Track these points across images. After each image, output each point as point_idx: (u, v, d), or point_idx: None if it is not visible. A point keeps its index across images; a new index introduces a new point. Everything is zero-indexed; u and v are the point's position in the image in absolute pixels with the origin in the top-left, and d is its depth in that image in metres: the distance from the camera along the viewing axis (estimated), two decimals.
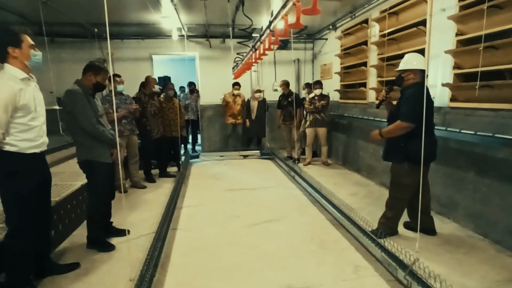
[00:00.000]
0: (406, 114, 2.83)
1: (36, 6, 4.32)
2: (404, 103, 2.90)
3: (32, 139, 2.23)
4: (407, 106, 2.86)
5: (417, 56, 3.02)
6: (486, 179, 3.18)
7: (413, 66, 2.95)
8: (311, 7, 2.01)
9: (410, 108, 2.81)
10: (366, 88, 5.39)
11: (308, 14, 2.09)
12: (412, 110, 2.78)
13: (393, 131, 2.96)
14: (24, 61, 2.20)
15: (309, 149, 6.53)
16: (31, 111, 2.20)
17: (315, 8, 2.00)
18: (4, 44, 2.13)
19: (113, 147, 3.12)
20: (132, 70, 7.00)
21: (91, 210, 3.14)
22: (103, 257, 2.98)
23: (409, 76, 2.98)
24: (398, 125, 2.89)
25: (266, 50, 3.58)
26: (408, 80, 3.00)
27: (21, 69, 2.18)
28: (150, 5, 5.02)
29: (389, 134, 3.00)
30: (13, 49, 2.14)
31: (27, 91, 2.18)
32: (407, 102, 2.87)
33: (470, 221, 3.39)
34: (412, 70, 2.97)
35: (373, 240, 2.85)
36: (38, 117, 2.28)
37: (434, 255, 2.87)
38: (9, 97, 2.05)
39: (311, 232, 3.44)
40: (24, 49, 2.19)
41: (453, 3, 3.43)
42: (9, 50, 2.13)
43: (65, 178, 3.97)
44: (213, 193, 4.90)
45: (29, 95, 2.18)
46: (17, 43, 2.16)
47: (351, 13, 5.66)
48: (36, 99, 2.27)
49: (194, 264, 2.86)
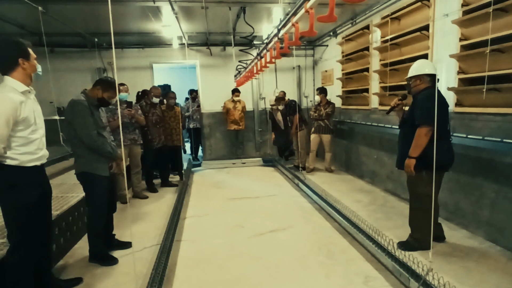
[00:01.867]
0: (423, 117, 2.72)
1: (36, 16, 4.30)
2: (418, 107, 2.80)
3: (32, 152, 2.20)
4: (421, 109, 2.76)
5: (425, 62, 2.98)
6: (494, 185, 3.13)
7: (424, 71, 2.90)
8: (328, 14, 1.90)
9: (425, 110, 2.71)
10: (369, 93, 5.36)
11: (324, 21, 2.00)
12: (427, 112, 2.65)
13: (419, 144, 2.75)
14: (31, 73, 2.20)
15: (313, 156, 6.47)
16: (31, 124, 2.17)
17: (331, 15, 1.90)
18: (16, 56, 2.12)
19: (112, 160, 3.07)
20: (132, 79, 6.97)
21: (91, 223, 3.07)
22: (105, 271, 2.90)
23: (416, 82, 2.95)
24: (419, 134, 2.74)
25: (273, 58, 3.49)
26: (416, 86, 2.95)
27: (22, 81, 2.15)
28: (151, 14, 5.01)
29: (417, 149, 2.77)
30: (23, 60, 2.13)
31: (27, 104, 2.14)
32: (422, 105, 2.77)
33: (479, 228, 3.33)
34: (417, 76, 2.93)
35: (382, 249, 2.78)
36: (38, 129, 2.25)
37: (444, 263, 2.80)
38: (11, 111, 2.02)
39: (318, 241, 3.38)
40: (32, 61, 2.20)
41: (456, 8, 3.41)
42: (20, 62, 2.12)
43: (66, 190, 3.91)
44: (216, 202, 4.83)
45: (29, 108, 2.15)
46: (27, 55, 2.16)
47: (351, 19, 5.65)
48: (36, 112, 2.24)
49: (200, 277, 2.79)
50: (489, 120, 3.15)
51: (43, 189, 2.38)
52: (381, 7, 4.74)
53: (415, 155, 2.79)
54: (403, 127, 3.04)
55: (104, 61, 7.13)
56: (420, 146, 2.76)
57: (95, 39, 6.34)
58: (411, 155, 2.80)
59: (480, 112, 3.25)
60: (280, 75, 7.82)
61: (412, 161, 2.80)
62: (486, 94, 3.02)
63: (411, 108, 2.94)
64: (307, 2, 2.27)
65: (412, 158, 2.80)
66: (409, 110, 2.98)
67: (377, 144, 5.24)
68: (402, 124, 3.05)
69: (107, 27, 5.83)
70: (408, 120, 2.92)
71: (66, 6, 4.60)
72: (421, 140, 2.74)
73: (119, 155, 3.10)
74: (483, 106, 3.19)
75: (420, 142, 2.75)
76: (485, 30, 3.03)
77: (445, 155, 2.82)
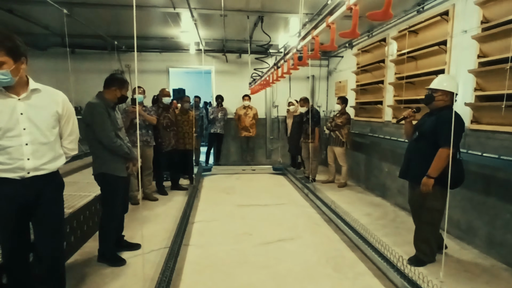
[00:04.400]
0: (449, 139, 2.61)
1: (61, 18, 4.44)
2: (445, 126, 2.65)
3: (2, 162, 1.95)
4: (449, 130, 2.60)
5: (449, 77, 2.96)
6: (509, 205, 3.07)
7: (444, 87, 2.87)
8: (351, 30, 1.94)
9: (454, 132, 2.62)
10: (383, 106, 5.33)
11: (346, 37, 2.05)
12: (455, 134, 2.60)
13: (440, 166, 2.76)
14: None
15: (331, 168, 6.32)
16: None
17: (354, 31, 1.93)
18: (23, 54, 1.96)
19: (129, 160, 3.12)
20: (149, 82, 7.10)
21: (104, 223, 3.12)
22: (114, 271, 2.94)
23: (441, 97, 2.90)
24: (443, 156, 2.73)
25: (291, 69, 3.51)
26: (439, 101, 2.91)
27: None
28: (171, 20, 5.12)
29: (438, 170, 2.77)
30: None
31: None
32: (449, 126, 2.59)
33: (491, 248, 3.26)
34: (445, 92, 2.88)
35: (392, 265, 2.75)
36: (16, 136, 1.95)
37: (454, 283, 2.74)
38: None
39: (326, 254, 3.35)
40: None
41: (475, 25, 3.39)
42: (23, 60, 1.95)
43: (79, 189, 3.98)
44: (225, 208, 4.85)
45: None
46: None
47: (368, 32, 5.66)
48: (24, 116, 1.97)
49: (206, 283, 2.80)
50: (505, 139, 3.10)
51: (22, 203, 2.06)
52: (399, 20, 4.74)
53: (435, 176, 2.78)
54: (419, 141, 3.00)
55: (122, 64, 7.28)
56: (441, 168, 2.76)
57: (115, 42, 6.49)
58: (431, 175, 2.79)
59: (496, 130, 3.20)
60: (294, 84, 7.85)
61: (431, 181, 2.79)
62: (504, 112, 2.97)
63: (432, 125, 2.88)
64: (329, 16, 2.28)
65: (431, 178, 2.79)
66: (429, 126, 2.91)
67: (389, 157, 5.19)
68: (419, 138, 3.01)
69: (127, 30, 6.01)
70: (428, 136, 2.88)
71: (90, 10, 4.74)
72: (443, 162, 2.74)
73: (135, 155, 3.16)
74: (501, 124, 3.14)
75: (442, 163, 2.75)
76: (505, 48, 3.00)
77: (459, 174, 2.89)
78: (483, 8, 3.31)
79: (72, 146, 2.32)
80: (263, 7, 4.67)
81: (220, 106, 7.55)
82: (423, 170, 2.86)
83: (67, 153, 2.30)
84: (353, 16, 1.94)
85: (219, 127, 7.55)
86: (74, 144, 2.34)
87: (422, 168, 2.87)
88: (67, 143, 2.28)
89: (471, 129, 3.50)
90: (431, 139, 2.85)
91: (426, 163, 2.84)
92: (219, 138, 7.75)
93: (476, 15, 3.38)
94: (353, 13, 1.94)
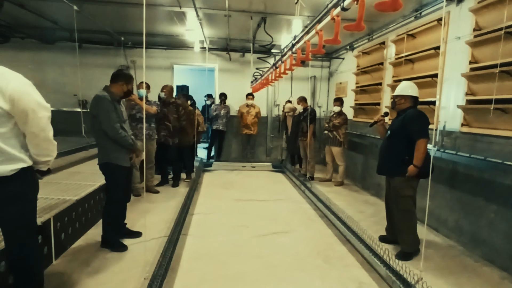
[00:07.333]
0: (422, 130, 3.09)
1: (70, 14, 4.61)
2: (414, 123, 3.14)
3: None
4: (418, 125, 3.12)
5: (411, 84, 3.35)
6: (493, 205, 3.21)
7: (408, 93, 3.28)
8: (356, 23, 2.01)
9: (421, 126, 3.11)
10: (381, 106, 5.47)
11: (351, 30, 2.11)
12: (423, 127, 3.10)
13: (421, 154, 3.08)
14: None
15: (329, 167, 6.47)
16: None
17: (359, 24, 2.01)
18: None
19: (132, 152, 3.29)
20: (153, 78, 7.25)
21: (107, 211, 3.29)
22: (115, 256, 3.11)
23: (401, 101, 3.33)
24: (421, 146, 3.07)
25: (287, 70, 3.67)
26: (400, 104, 3.34)
27: None
28: (176, 18, 5.27)
29: (420, 159, 3.08)
30: None
31: None
32: (417, 121, 3.13)
33: (476, 246, 3.40)
34: (404, 96, 3.30)
35: (378, 257, 2.90)
36: None
37: (437, 277, 2.90)
38: None
39: (317, 246, 3.51)
40: None
41: (468, 32, 3.53)
42: None
43: (84, 179, 4.16)
44: (223, 202, 5.01)
45: None
46: None
47: (368, 35, 5.80)
48: None
49: (202, 270, 2.96)
50: (491, 142, 3.25)
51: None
52: (398, 25, 4.87)
53: (420, 165, 3.08)
54: (390, 139, 3.36)
55: (128, 59, 7.45)
56: (423, 157, 3.08)
57: (121, 38, 6.65)
58: (417, 165, 3.09)
59: (484, 133, 3.34)
60: (295, 84, 7.98)
61: (416, 170, 3.10)
62: (492, 115, 3.11)
63: (400, 124, 3.23)
64: (334, 9, 2.26)
65: (415, 167, 3.09)
66: (397, 125, 3.27)
67: None
68: (390, 136, 3.35)
69: (133, 27, 6.17)
70: (397, 133, 3.26)
71: (98, 6, 4.90)
72: (422, 151, 3.08)
73: (139, 147, 3.32)
74: (489, 126, 3.29)
75: (422, 154, 3.08)
76: (496, 54, 3.13)
77: (426, 165, 3.09)
78: (477, 15, 3.45)
79: (38, 150, 1.90)
80: (266, 8, 4.82)
81: (223, 104, 7.73)
82: (394, 163, 3.27)
83: (36, 159, 1.93)
84: (359, 7, 1.93)
85: (221, 124, 7.71)
86: (42, 147, 1.91)
87: (393, 161, 3.29)
88: (31, 147, 1.89)
89: (461, 132, 3.64)
90: (400, 136, 3.22)
91: (396, 157, 3.25)
92: (221, 135, 7.92)
93: (469, 21, 3.52)
94: (359, 4, 1.93)
